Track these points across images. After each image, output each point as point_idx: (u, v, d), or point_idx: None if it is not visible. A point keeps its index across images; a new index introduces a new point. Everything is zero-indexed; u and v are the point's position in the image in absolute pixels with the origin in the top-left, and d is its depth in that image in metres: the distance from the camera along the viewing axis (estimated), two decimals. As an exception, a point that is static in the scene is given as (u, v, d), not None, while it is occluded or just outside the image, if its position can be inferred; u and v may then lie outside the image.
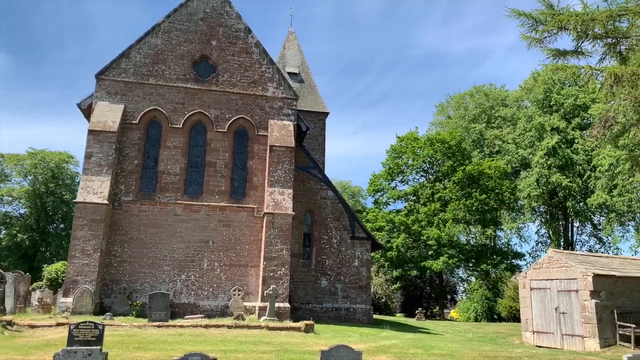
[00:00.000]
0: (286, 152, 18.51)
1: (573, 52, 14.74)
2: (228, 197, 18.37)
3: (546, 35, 14.26)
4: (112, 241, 17.20)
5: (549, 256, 17.12)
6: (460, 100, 52.23)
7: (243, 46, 19.64)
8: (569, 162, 39.66)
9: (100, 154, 17.11)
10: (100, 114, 17.66)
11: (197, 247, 17.70)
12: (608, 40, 14.41)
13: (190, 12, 19.53)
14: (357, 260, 21.19)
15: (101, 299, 16.60)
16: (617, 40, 14.47)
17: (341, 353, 7.56)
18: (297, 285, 20.38)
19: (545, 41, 14.44)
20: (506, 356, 11.78)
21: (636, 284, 15.89)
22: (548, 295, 16.78)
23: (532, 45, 14.37)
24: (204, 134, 18.77)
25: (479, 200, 33.44)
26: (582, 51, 14.70)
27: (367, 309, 20.75)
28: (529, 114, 42.91)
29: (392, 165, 37.59)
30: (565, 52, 14.80)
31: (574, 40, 14.35)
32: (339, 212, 21.55)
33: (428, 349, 12.01)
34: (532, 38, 14.22)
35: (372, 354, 11.01)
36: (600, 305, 15.09)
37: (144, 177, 18.08)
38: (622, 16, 13.70)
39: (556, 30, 14.10)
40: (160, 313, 14.61)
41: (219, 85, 19.10)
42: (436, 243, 32.94)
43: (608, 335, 14.99)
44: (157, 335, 11.65)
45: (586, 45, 14.59)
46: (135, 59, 18.65)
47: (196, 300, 17.35)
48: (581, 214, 41.64)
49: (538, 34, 14.22)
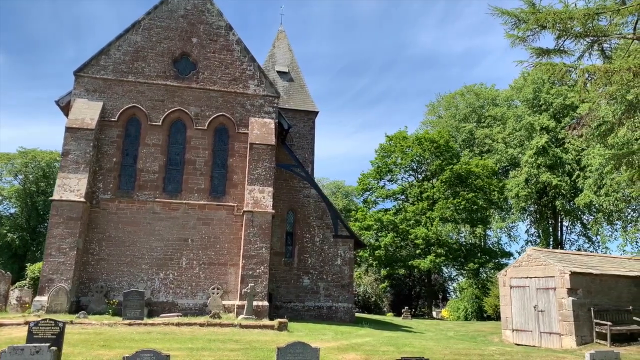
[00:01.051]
0: (266, 150, 18.42)
1: (556, 51, 14.73)
2: (207, 195, 18.26)
3: (529, 33, 14.24)
4: (90, 239, 17.07)
5: (528, 254, 17.10)
6: (451, 99, 52.28)
7: (224, 43, 19.54)
8: (559, 161, 39.71)
9: (77, 151, 16.98)
10: (79, 111, 17.53)
11: (176, 245, 17.59)
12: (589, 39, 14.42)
13: (171, 9, 19.41)
14: (340, 258, 21.12)
15: (78, 297, 16.47)
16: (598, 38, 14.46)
17: (298, 350, 7.49)
18: (279, 283, 20.29)
19: (529, 39, 14.42)
20: (478, 354, 11.73)
21: (613, 282, 15.89)
22: (527, 294, 16.76)
23: (515, 44, 14.37)
24: (183, 132, 18.66)
25: (467, 199, 33.43)
26: (564, 49, 14.70)
27: (349, 307, 20.68)
28: (519, 114, 42.98)
29: (380, 164, 37.55)
30: (548, 50, 14.77)
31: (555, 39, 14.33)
32: (322, 210, 21.47)
33: (400, 347, 11.94)
34: (515, 36, 14.20)
35: (342, 351, 10.94)
36: (577, 303, 15.07)
37: (123, 175, 17.95)
38: (601, 14, 13.68)
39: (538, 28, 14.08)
40: (135, 311, 14.48)
41: (199, 82, 18.99)
42: (424, 242, 32.90)
43: (585, 333, 14.98)
44: (126, 334, 11.54)
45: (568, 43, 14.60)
46: (114, 56, 18.52)
47: (174, 299, 17.23)
48: (570, 213, 41.73)
49: (521, 33, 14.20)
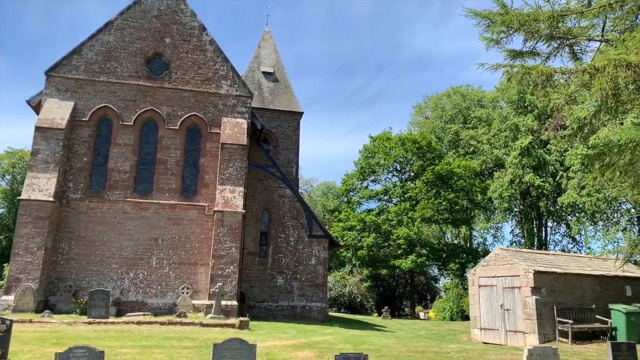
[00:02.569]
0: (238, 150, 18.50)
1: (529, 53, 14.90)
2: (179, 195, 18.32)
3: (503, 36, 14.41)
4: (60, 239, 17.09)
5: (495, 254, 17.26)
6: (437, 100, 52.52)
7: (197, 44, 19.61)
8: (542, 162, 40.00)
9: (47, 151, 17.00)
10: (49, 111, 17.55)
11: (146, 245, 17.63)
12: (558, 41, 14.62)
13: (144, 9, 19.47)
14: (314, 258, 21.22)
15: (47, 297, 16.48)
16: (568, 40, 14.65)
17: (234, 346, 7.58)
18: (252, 283, 20.37)
19: (502, 42, 14.62)
20: (435, 351, 11.83)
21: (577, 281, 16.06)
22: (494, 292, 16.91)
23: (490, 46, 14.52)
24: (155, 132, 18.71)
25: (448, 199, 33.60)
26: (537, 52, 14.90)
27: (323, 306, 20.78)
28: (504, 115, 43.26)
29: (364, 165, 37.68)
30: (522, 52, 14.93)
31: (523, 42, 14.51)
32: (297, 210, 21.57)
33: (357, 345, 12.04)
34: (489, 39, 14.33)
35: (296, 349, 11.02)
36: (541, 302, 15.22)
37: (94, 174, 17.99)
38: (566, 16, 13.86)
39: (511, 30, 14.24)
40: (100, 310, 14.52)
41: (172, 82, 19.05)
42: (405, 242, 33.04)
43: (548, 331, 15.13)
44: (82, 332, 11.59)
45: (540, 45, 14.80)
46: (86, 56, 18.56)
47: (144, 298, 17.27)
48: (554, 214, 41.98)
49: (494, 35, 14.37)
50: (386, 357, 10.66)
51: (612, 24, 14.76)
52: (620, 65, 11.34)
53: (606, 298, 16.18)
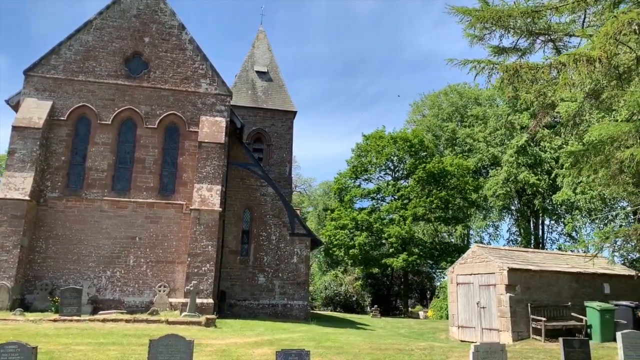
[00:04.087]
0: (215, 149, 18.49)
1: (512, 49, 14.83)
2: (156, 194, 18.34)
3: (486, 32, 14.35)
4: (37, 237, 17.16)
5: (472, 251, 17.14)
6: (434, 99, 52.27)
7: (176, 42, 19.63)
8: (538, 160, 39.72)
9: (24, 150, 17.08)
10: (27, 110, 17.64)
11: (124, 243, 17.67)
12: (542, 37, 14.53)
13: (124, 9, 19.52)
14: (296, 256, 21.17)
15: (23, 295, 16.56)
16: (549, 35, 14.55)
17: (171, 342, 7.52)
18: (234, 281, 20.36)
19: (485, 38, 14.55)
20: (398, 349, 11.77)
21: (554, 278, 15.91)
22: (471, 290, 16.80)
23: (474, 43, 14.47)
24: (133, 131, 18.75)
25: (439, 197, 33.42)
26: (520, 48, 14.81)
27: (304, 305, 20.73)
28: (499, 113, 43.03)
29: (356, 163, 37.57)
30: (505, 49, 14.86)
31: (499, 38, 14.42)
32: (279, 209, 21.53)
33: (321, 342, 12.00)
34: (473, 35, 14.28)
35: (256, 346, 11.00)
36: (515, 299, 15.10)
37: (71, 173, 18.05)
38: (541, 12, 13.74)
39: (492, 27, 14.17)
40: (71, 308, 14.53)
41: (151, 81, 19.09)
42: (397, 241, 32.90)
43: (522, 328, 15.01)
44: (43, 329, 11.63)
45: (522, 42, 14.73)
46: (65, 55, 18.63)
47: (121, 296, 17.31)
48: (549, 212, 41.69)
49: (478, 31, 14.30)
50: (346, 354, 10.62)
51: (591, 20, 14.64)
52: (580, 60, 11.22)
53: (583, 296, 16.02)
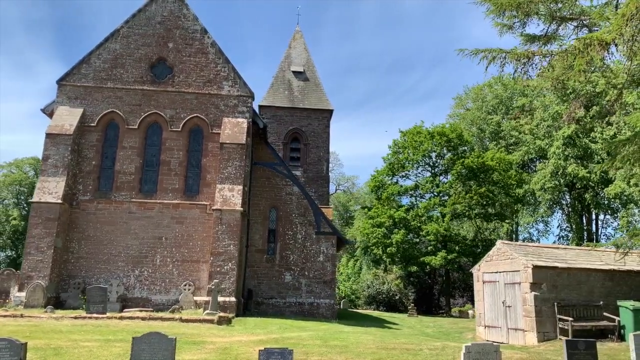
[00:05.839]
0: (237, 149, 18.74)
1: (543, 37, 14.28)
2: (182, 195, 18.83)
3: (515, 21, 13.90)
4: (70, 239, 18.04)
5: (497, 248, 16.47)
6: (478, 92, 50.69)
7: (199, 47, 20.07)
8: (588, 151, 37.68)
9: (56, 156, 17.99)
10: (59, 118, 18.57)
11: (151, 243, 18.26)
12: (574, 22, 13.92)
13: (149, 16, 20.16)
14: (322, 255, 21.13)
15: (58, 293, 17.45)
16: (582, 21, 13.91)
17: (153, 339, 7.68)
18: (260, 280, 20.59)
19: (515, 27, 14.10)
20: (407, 348, 11.50)
21: (584, 276, 15.01)
22: (497, 289, 16.16)
23: (503, 32, 14.06)
24: (159, 134, 19.33)
25: (479, 193, 32.34)
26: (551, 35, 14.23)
27: (331, 303, 20.65)
28: (547, 103, 41.16)
29: (393, 160, 37.00)
30: (536, 36, 14.33)
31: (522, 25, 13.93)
32: (304, 207, 21.56)
33: (328, 341, 11.92)
34: (502, 24, 13.87)
35: (260, 344, 11.00)
36: (540, 298, 14.37)
37: (102, 177, 18.85)
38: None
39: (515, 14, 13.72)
40: (97, 306, 15.20)
41: (175, 85, 19.61)
42: (435, 238, 32.16)
43: (548, 329, 14.28)
44: (61, 326, 12.19)
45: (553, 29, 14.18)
46: (95, 64, 19.47)
47: (149, 294, 17.90)
48: (601, 206, 39.45)
49: (507, 20, 13.88)
50: (348, 353, 10.49)
51: (623, 2, 13.74)
52: (592, 45, 10.56)
53: (619, 294, 15.02)
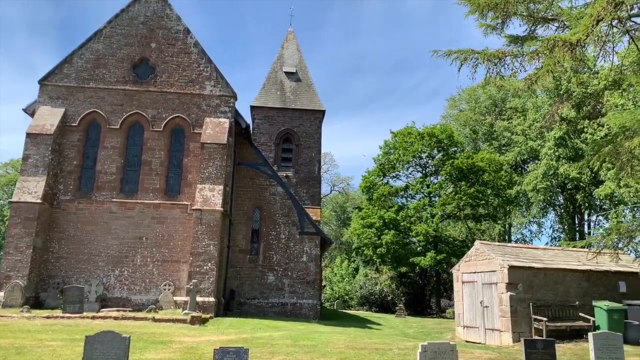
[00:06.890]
0: (218, 149, 18.73)
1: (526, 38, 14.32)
2: (163, 195, 18.82)
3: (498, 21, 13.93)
4: (50, 238, 18.02)
5: (475, 248, 16.46)
6: (472, 92, 50.69)
7: (182, 47, 20.07)
8: (579, 152, 37.69)
9: (37, 155, 17.98)
10: (40, 118, 18.57)
11: (131, 243, 18.24)
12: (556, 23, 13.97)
13: (132, 16, 20.16)
14: (306, 255, 21.11)
15: (38, 293, 17.43)
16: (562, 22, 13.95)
17: (107, 338, 7.65)
18: (243, 280, 20.57)
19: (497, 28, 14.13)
20: (376, 348, 11.48)
21: (561, 276, 15.00)
22: (475, 289, 16.14)
23: (487, 33, 14.09)
24: (141, 134, 19.33)
25: (468, 194, 32.33)
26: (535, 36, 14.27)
27: (314, 303, 20.61)
28: (539, 104, 41.19)
29: (383, 161, 36.99)
30: (519, 37, 14.36)
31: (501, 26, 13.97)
32: (288, 207, 21.54)
33: (298, 340, 11.90)
34: (485, 25, 13.90)
35: (230, 344, 11.02)
36: (516, 298, 14.36)
37: (83, 176, 18.83)
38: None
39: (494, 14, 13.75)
40: (74, 306, 15.18)
41: (157, 85, 19.61)
42: (424, 239, 32.15)
43: (523, 329, 14.26)
44: (31, 326, 12.18)
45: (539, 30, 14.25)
46: (77, 64, 19.47)
47: (129, 294, 17.88)
48: (593, 207, 39.45)
49: (490, 21, 13.91)
50: (314, 353, 10.47)
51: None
52: (558, 45, 10.58)
53: (595, 295, 15.02)
